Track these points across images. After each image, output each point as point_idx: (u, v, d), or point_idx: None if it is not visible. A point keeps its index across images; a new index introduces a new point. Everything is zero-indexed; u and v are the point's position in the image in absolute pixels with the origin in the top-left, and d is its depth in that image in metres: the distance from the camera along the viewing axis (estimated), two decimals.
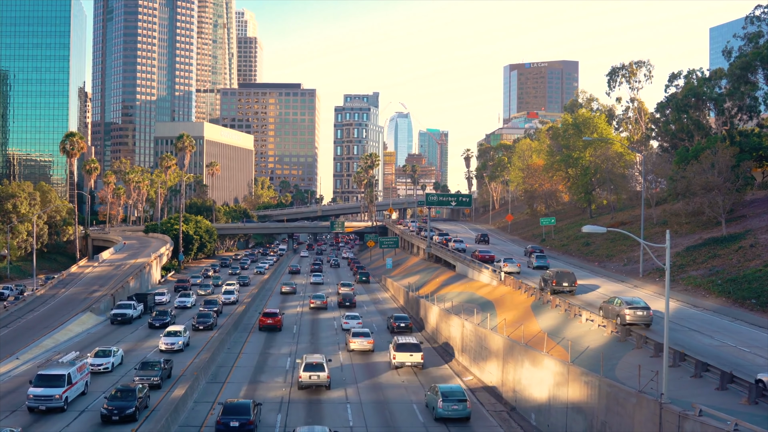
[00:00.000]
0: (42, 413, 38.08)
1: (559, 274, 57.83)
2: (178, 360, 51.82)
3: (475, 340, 50.05)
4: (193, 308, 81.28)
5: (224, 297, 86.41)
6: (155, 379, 43.49)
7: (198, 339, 61.04)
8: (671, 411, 25.75)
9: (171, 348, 55.03)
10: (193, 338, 60.65)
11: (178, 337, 56.39)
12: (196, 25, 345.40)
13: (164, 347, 55.18)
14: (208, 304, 76.14)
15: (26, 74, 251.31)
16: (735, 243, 64.66)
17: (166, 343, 55.39)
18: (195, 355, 53.85)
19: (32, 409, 38.09)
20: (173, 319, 69.59)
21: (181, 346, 55.78)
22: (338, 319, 71.11)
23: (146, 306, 77.09)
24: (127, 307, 71.92)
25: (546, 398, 36.54)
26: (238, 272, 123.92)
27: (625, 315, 43.45)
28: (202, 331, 64.94)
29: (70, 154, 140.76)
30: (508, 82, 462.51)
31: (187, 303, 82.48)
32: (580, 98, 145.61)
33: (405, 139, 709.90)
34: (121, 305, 72.74)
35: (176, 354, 54.50)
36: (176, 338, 56.08)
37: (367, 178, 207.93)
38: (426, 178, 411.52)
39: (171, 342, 55.45)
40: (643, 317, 43.35)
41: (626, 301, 44.56)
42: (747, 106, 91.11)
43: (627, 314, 43.41)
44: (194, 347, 57.47)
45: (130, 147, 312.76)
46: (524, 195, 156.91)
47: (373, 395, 43.51)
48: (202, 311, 70.43)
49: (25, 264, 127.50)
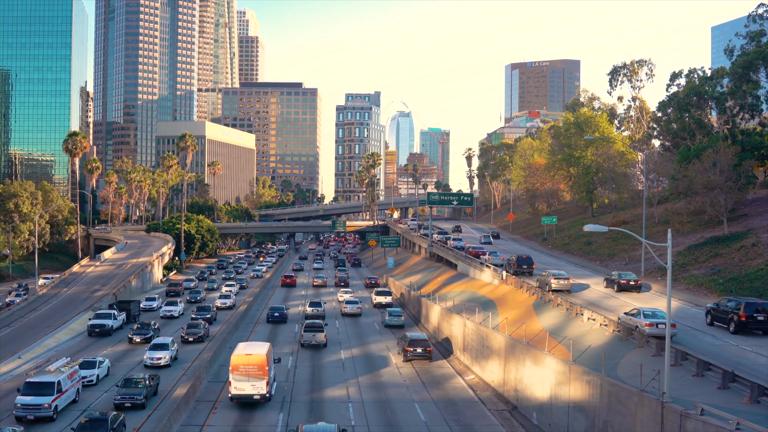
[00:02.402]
0: (30, 423, 36.26)
1: (519, 258, 70.56)
2: (165, 375, 47.11)
3: (476, 339, 50.06)
4: (181, 317, 74.14)
5: (220, 301, 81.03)
6: (138, 398, 38.92)
7: (188, 351, 55.55)
8: (673, 410, 25.73)
9: (157, 363, 49.57)
10: (182, 350, 55.33)
11: (164, 350, 50.63)
12: (197, 24, 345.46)
13: (149, 362, 49.62)
14: (200, 311, 70.09)
15: (28, 74, 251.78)
16: (737, 242, 64.59)
17: (152, 358, 49.82)
18: (184, 371, 48.85)
19: (20, 419, 36.34)
20: (156, 332, 61.92)
21: (168, 360, 50.19)
22: (335, 293, 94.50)
23: (129, 315, 69.12)
24: (106, 317, 64.13)
25: (548, 397, 36.53)
26: (232, 276, 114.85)
27: (551, 283, 57.03)
28: (192, 343, 59.03)
29: (72, 153, 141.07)
30: (510, 81, 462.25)
31: (174, 312, 74.25)
32: (582, 97, 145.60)
33: (406, 138, 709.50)
34: (100, 315, 64.96)
35: (163, 369, 49.18)
36: (163, 352, 50.37)
37: (369, 178, 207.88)
38: (427, 178, 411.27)
39: (157, 356, 49.93)
40: (565, 284, 57.05)
41: (552, 273, 58.64)
42: (749, 104, 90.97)
43: (552, 282, 57.01)
44: (183, 361, 52.22)
45: (132, 146, 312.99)
46: (526, 194, 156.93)
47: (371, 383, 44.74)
48: (192, 321, 64.59)
49: (27, 263, 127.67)
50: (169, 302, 77.46)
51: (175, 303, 76.70)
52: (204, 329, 60.88)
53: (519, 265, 69.00)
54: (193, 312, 71.18)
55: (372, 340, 62.57)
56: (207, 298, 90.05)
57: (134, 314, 70.21)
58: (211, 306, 73.22)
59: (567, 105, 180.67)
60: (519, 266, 68.89)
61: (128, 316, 68.75)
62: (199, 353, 54.24)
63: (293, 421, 37.57)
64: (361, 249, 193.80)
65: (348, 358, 54.38)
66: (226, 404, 40.65)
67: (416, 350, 52.48)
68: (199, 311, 70.24)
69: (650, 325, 40.41)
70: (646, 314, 41.61)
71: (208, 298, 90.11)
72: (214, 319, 70.88)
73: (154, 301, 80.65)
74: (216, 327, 67.60)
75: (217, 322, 71.03)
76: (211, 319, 69.45)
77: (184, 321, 69.75)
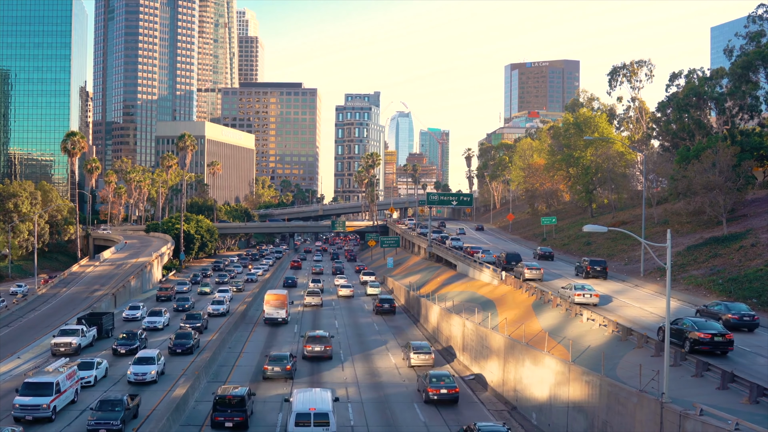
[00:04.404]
0: (29, 423, 35.89)
1: (508, 254, 76.16)
2: (151, 392, 42.91)
3: (476, 339, 50.08)
4: (167, 329, 66.74)
5: (212, 308, 75.89)
6: (115, 424, 34.57)
7: (176, 364, 50.77)
8: (672, 410, 25.75)
9: (142, 379, 44.68)
10: (169, 363, 50.37)
11: (150, 365, 45.54)
12: (197, 24, 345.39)
13: (133, 378, 44.71)
14: (189, 320, 64.26)
15: (27, 74, 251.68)
16: (736, 242, 64.61)
17: (136, 374, 44.79)
18: (171, 386, 44.36)
19: (18, 419, 35.92)
20: (144, 342, 57.18)
21: (154, 376, 45.13)
22: (332, 279, 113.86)
23: (101, 329, 60.82)
24: (72, 334, 55.61)
25: (547, 397, 36.55)
26: (226, 280, 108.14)
27: (524, 273, 64.14)
28: (181, 355, 53.69)
29: (71, 153, 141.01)
30: (509, 81, 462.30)
31: (157, 324, 66.05)
32: (581, 98, 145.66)
33: (406, 139, 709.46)
34: (66, 331, 56.47)
35: (149, 386, 44.49)
36: (148, 367, 45.30)
37: (368, 178, 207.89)
38: (427, 178, 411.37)
39: (142, 372, 44.81)
40: (536, 274, 64.37)
41: (525, 264, 66.20)
42: (748, 105, 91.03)
43: (525, 272, 64.12)
44: (171, 376, 47.13)
45: (132, 146, 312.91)
46: (525, 194, 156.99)
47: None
48: (181, 330, 58.25)
49: (27, 263, 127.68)
50: (152, 312, 69.11)
51: (159, 313, 68.42)
52: (194, 339, 55.82)
53: (508, 261, 73.61)
54: (181, 320, 65.34)
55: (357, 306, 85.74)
56: (200, 302, 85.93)
57: (107, 328, 61.93)
58: (201, 314, 67.05)
59: (566, 105, 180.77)
60: (508, 262, 73.15)
61: (100, 331, 60.45)
62: (188, 366, 49.40)
63: (302, 330, 65.18)
64: (360, 249, 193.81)
65: (337, 309, 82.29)
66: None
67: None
68: (188, 319, 64.39)
69: (579, 294, 50.48)
70: (576, 287, 51.63)
71: (200, 303, 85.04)
72: (205, 328, 65.51)
73: (137, 310, 72.59)
74: (207, 336, 62.47)
75: (209, 330, 65.82)
76: (201, 328, 63.98)
77: (172, 330, 63.54)
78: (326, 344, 52.96)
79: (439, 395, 40.66)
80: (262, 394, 42.68)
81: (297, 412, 33.47)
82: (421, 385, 42.68)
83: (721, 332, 34.67)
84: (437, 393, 40.63)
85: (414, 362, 50.09)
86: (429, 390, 40.74)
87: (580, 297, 49.95)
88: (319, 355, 52.36)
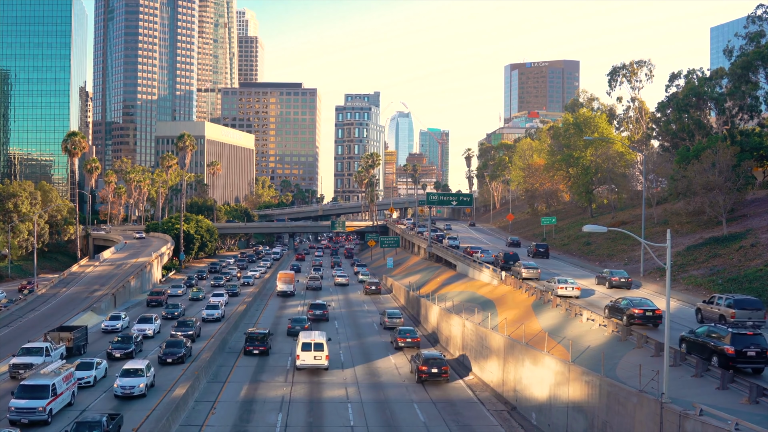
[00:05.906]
0: (25, 426, 35.41)
1: (506, 254, 76.78)
2: (139, 407, 39.75)
3: (475, 340, 50.07)
4: (158, 336, 63.11)
5: (207, 313, 71.40)
6: None
7: (165, 375, 47.44)
8: (672, 410, 25.75)
9: (129, 393, 41.11)
10: (159, 373, 46.95)
11: (139, 377, 41.95)
12: (197, 24, 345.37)
13: (120, 392, 41.11)
14: (180, 327, 60.53)
15: (27, 74, 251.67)
16: (736, 242, 64.62)
17: (123, 387, 41.17)
18: (159, 400, 41.06)
19: (13, 423, 35.29)
20: (140, 345, 55.08)
21: (143, 389, 41.58)
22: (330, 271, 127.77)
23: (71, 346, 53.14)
24: (36, 353, 48.23)
25: (547, 397, 36.55)
26: (221, 283, 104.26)
27: (522, 272, 65.59)
28: (171, 364, 50.25)
29: (71, 153, 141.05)
30: (509, 81, 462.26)
31: (147, 331, 61.84)
32: (581, 98, 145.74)
33: (406, 139, 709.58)
34: (29, 350, 48.73)
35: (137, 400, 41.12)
36: (137, 379, 41.71)
37: (368, 178, 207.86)
38: (427, 178, 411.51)
39: (129, 385, 41.28)
40: (534, 273, 65.52)
41: (523, 264, 67.58)
42: (748, 105, 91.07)
43: (523, 272, 65.58)
44: (160, 388, 43.73)
45: (131, 146, 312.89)
46: (525, 194, 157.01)
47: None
48: (171, 339, 54.21)
49: (26, 263, 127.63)
50: (142, 318, 64.71)
51: (149, 320, 64.32)
52: (186, 348, 52.16)
53: (506, 261, 75.52)
54: (172, 327, 61.44)
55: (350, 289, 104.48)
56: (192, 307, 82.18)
57: (79, 344, 54.36)
58: (194, 320, 63.09)
59: (566, 105, 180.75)
60: (506, 262, 75.09)
61: (70, 348, 52.99)
62: (178, 377, 46.38)
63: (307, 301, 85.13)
64: (360, 249, 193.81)
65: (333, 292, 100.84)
66: None
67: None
68: (180, 326, 60.61)
69: (562, 288, 55.13)
70: (560, 281, 56.24)
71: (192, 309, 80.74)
72: (197, 335, 61.76)
73: (117, 320, 65.70)
74: (201, 343, 58.86)
75: (201, 338, 61.98)
76: (193, 335, 60.18)
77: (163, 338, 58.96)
78: (324, 310, 73.69)
79: (406, 344, 57.50)
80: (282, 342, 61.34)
81: (302, 342, 49.30)
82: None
83: (651, 308, 42.09)
84: (404, 342, 57.51)
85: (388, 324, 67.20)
86: (398, 339, 57.79)
87: (563, 290, 55.34)
88: (319, 318, 72.15)
